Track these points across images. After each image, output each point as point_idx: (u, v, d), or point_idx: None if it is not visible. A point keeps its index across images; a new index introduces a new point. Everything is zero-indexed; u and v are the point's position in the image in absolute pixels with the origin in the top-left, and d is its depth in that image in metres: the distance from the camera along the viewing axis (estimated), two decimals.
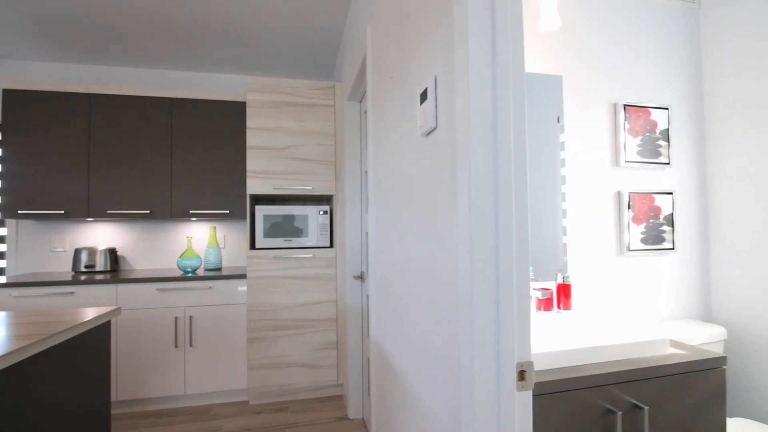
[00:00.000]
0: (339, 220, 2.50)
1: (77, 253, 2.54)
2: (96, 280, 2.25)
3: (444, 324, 0.86)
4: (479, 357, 0.69)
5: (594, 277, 1.54)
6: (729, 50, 1.63)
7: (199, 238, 2.93)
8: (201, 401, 2.42)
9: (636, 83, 1.63)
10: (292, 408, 2.36)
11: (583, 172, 1.55)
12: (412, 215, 1.09)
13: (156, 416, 2.25)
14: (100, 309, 1.42)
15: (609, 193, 1.58)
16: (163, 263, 2.87)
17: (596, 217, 1.56)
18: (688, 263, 1.67)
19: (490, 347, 0.70)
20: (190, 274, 2.41)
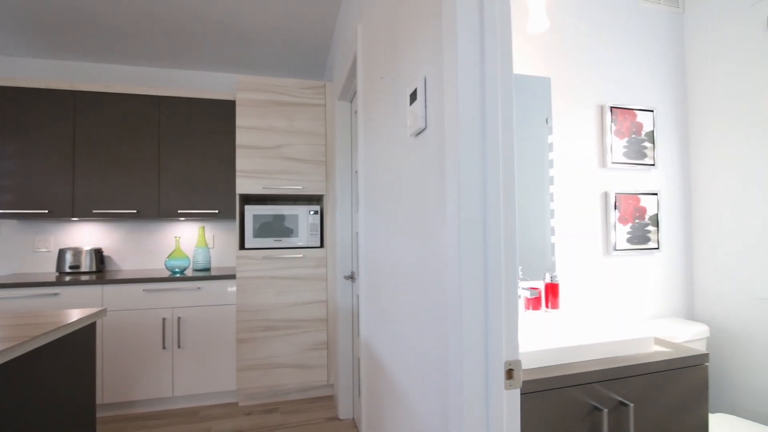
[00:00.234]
0: (329, 220, 2.50)
1: (62, 253, 2.49)
2: (81, 281, 2.20)
3: (433, 323, 0.86)
4: (468, 355, 0.70)
5: (581, 276, 1.57)
6: (712, 54, 1.67)
7: (187, 238, 2.89)
8: (189, 403, 2.39)
9: (623, 86, 1.66)
10: (282, 409, 2.34)
11: (571, 173, 1.57)
12: (401, 215, 1.10)
13: (143, 419, 2.22)
14: (85, 310, 1.39)
15: (596, 193, 1.60)
16: (150, 264, 2.83)
17: (583, 217, 1.58)
18: (673, 263, 1.71)
19: (478, 346, 0.70)
20: (178, 275, 2.38)
